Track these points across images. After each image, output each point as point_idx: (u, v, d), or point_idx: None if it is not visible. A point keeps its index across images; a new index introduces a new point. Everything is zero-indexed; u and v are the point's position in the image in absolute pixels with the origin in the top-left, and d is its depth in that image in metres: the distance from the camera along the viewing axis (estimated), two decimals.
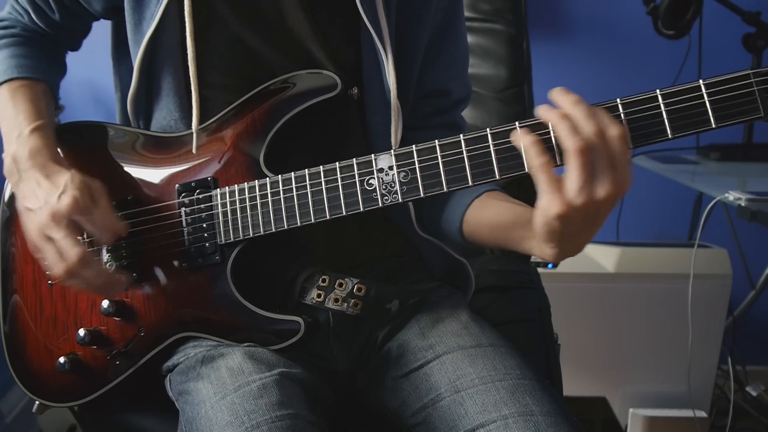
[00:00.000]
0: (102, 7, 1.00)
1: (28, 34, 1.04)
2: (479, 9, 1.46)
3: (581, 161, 0.70)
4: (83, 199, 0.86)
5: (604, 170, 0.70)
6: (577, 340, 1.87)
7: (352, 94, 0.94)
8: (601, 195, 0.70)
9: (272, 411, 0.79)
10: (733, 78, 0.73)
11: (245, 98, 0.93)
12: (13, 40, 1.02)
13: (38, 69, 1.01)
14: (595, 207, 0.71)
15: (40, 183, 0.88)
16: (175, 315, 0.93)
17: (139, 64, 0.95)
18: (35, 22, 1.03)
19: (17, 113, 0.95)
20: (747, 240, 2.12)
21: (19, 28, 1.03)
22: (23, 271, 1.01)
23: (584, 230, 0.75)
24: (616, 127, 0.71)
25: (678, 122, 0.74)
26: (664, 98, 0.74)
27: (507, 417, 0.81)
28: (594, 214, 0.72)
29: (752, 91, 0.72)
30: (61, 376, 0.97)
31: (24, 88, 0.98)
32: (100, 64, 1.15)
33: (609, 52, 2.23)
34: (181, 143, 0.96)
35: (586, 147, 0.70)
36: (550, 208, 0.71)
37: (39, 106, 0.97)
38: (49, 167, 0.90)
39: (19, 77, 0.99)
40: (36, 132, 0.93)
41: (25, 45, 1.02)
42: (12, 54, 1.00)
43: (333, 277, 0.92)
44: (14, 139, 0.93)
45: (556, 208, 0.71)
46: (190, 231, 0.92)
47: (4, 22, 1.05)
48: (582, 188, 0.70)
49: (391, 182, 0.83)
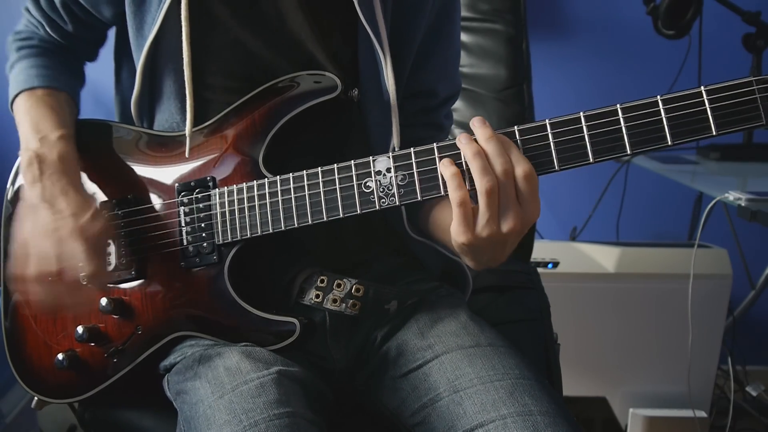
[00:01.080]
0: (111, 14, 1.00)
1: (46, 45, 1.05)
2: (479, 9, 1.46)
3: (488, 200, 0.76)
4: (103, 236, 0.93)
5: (509, 207, 0.77)
6: (577, 340, 1.87)
7: (352, 96, 0.94)
8: (505, 229, 0.77)
9: (270, 409, 0.79)
10: (735, 85, 0.72)
11: (245, 99, 0.94)
12: (33, 50, 1.04)
13: (59, 79, 1.02)
14: (500, 238, 0.78)
15: (68, 192, 0.92)
16: (172, 314, 0.93)
17: (142, 68, 0.96)
18: (50, 35, 1.05)
19: (41, 118, 0.97)
20: (747, 240, 2.12)
21: (36, 39, 1.05)
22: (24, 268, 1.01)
23: (495, 252, 0.82)
24: (523, 165, 0.76)
25: (678, 129, 0.73)
26: (665, 104, 0.73)
27: (506, 417, 0.80)
28: (501, 242, 0.79)
29: (754, 99, 0.71)
30: (60, 372, 0.97)
31: (47, 97, 1.00)
32: (100, 64, 1.15)
33: (609, 52, 2.23)
34: (181, 143, 0.96)
35: (493, 188, 0.76)
36: (458, 236, 0.79)
37: (63, 115, 0.99)
38: (78, 178, 0.95)
39: (40, 86, 1.00)
40: (63, 139, 0.95)
41: (44, 56, 1.04)
42: (33, 64, 1.02)
43: (331, 277, 0.92)
44: (37, 140, 0.95)
45: (462, 238, 0.78)
46: (188, 230, 0.93)
47: (22, 33, 1.06)
48: (487, 224, 0.77)
49: (388, 185, 0.83)
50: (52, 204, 0.91)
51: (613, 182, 2.20)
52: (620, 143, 0.75)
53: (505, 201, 0.76)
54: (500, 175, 0.76)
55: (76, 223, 0.89)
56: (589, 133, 0.76)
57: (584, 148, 0.76)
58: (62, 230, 0.90)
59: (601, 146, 0.76)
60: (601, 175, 2.19)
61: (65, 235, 0.90)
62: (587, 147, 0.76)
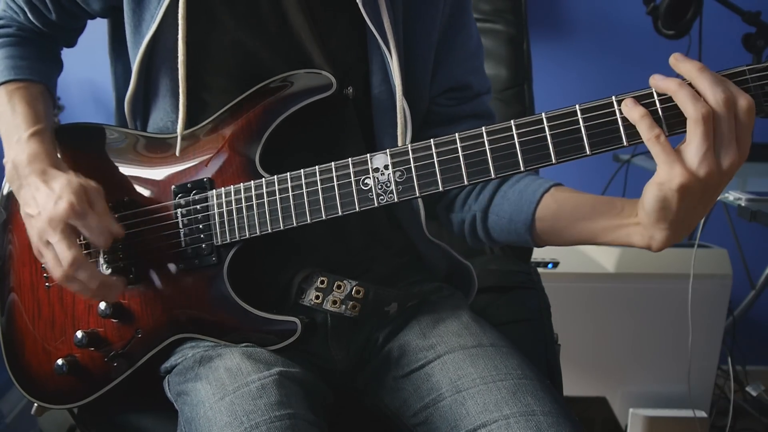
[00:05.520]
0: (100, 7, 0.99)
1: (24, 33, 1.04)
2: (479, 9, 1.46)
3: (706, 129, 0.68)
4: (79, 203, 0.86)
5: (730, 140, 0.69)
6: (577, 340, 1.87)
7: (347, 94, 0.94)
8: (726, 165, 0.69)
9: (271, 411, 0.79)
10: (728, 75, 0.72)
11: (241, 98, 0.93)
12: (9, 40, 1.02)
13: (35, 70, 1.01)
14: (717, 178, 0.70)
15: (39, 188, 0.89)
16: (172, 316, 0.93)
17: (138, 66, 0.95)
18: (31, 21, 1.03)
19: (15, 117, 0.95)
20: (747, 240, 2.12)
21: (14, 27, 1.03)
22: (21, 273, 1.01)
23: (701, 204, 0.73)
24: (745, 98, 0.69)
25: (672, 119, 0.73)
26: (659, 95, 0.73)
27: (508, 417, 0.80)
28: (715, 185, 0.71)
29: (748, 88, 0.71)
30: (59, 378, 0.97)
31: (21, 91, 0.98)
32: (100, 64, 1.15)
33: (609, 52, 2.23)
34: (177, 145, 0.95)
35: (712, 114, 0.68)
36: (672, 179, 0.70)
37: (37, 109, 0.97)
38: (48, 172, 0.90)
39: (15, 79, 0.99)
40: (34, 137, 0.93)
41: (20, 45, 1.02)
42: (8, 55, 1.00)
43: (331, 278, 0.92)
44: (14, 144, 0.94)
45: (678, 178, 0.70)
46: (186, 232, 0.92)
47: (0, 20, 1.04)
48: (705, 157, 0.69)
49: (386, 182, 0.82)
50: (29, 207, 0.90)
51: (613, 182, 2.20)
52: (616, 135, 0.74)
53: (725, 131, 0.69)
54: (720, 103, 0.68)
55: (45, 215, 0.87)
56: (585, 125, 0.75)
57: (580, 140, 0.75)
58: (38, 228, 0.88)
59: (597, 138, 0.75)
60: (602, 175, 2.19)
61: (43, 231, 0.87)
62: (584, 140, 0.75)
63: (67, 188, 0.87)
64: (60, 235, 0.86)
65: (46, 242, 0.87)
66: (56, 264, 0.87)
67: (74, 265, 0.86)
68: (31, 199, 0.89)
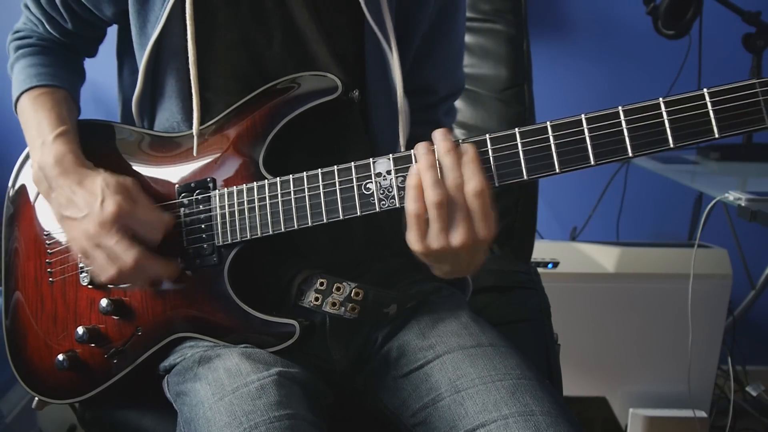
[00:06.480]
0: (112, 12, 1.00)
1: (45, 44, 1.05)
2: (479, 9, 1.46)
3: (437, 213, 0.77)
4: (126, 202, 0.88)
5: (459, 222, 0.77)
6: (577, 340, 1.87)
7: (353, 97, 0.94)
8: (456, 243, 0.77)
9: (270, 411, 0.79)
10: (737, 87, 0.71)
11: (246, 99, 0.93)
12: (31, 50, 1.03)
13: (57, 76, 1.02)
14: (452, 251, 0.78)
15: (75, 191, 0.90)
16: (172, 315, 0.93)
17: (144, 67, 0.95)
18: (50, 32, 1.04)
19: (39, 121, 0.96)
20: (747, 240, 2.12)
21: (35, 38, 1.05)
22: (25, 268, 1.02)
23: (453, 265, 0.83)
24: (474, 181, 0.76)
25: (680, 131, 0.72)
26: (667, 106, 0.72)
27: (507, 417, 0.80)
28: (454, 255, 0.80)
29: (757, 101, 0.70)
30: (60, 373, 0.97)
31: (44, 96, 0.99)
32: (100, 64, 1.15)
33: (609, 52, 2.23)
34: (182, 144, 0.96)
35: (442, 201, 0.76)
36: (412, 245, 0.80)
37: (60, 112, 0.98)
38: (79, 172, 0.92)
39: (38, 85, 1.00)
40: (59, 138, 0.94)
41: (42, 54, 1.04)
42: (30, 63, 1.02)
43: (331, 280, 0.91)
44: (39, 148, 0.95)
45: (415, 247, 0.79)
46: (188, 232, 0.92)
47: (21, 32, 1.06)
48: (437, 236, 0.78)
49: (388, 187, 0.82)
50: (69, 210, 0.90)
51: (613, 182, 2.20)
52: (622, 146, 0.75)
53: (455, 214, 0.77)
54: (451, 190, 0.77)
55: (94, 219, 0.87)
56: (591, 135, 0.75)
57: (585, 151, 0.76)
58: (86, 231, 0.88)
59: (603, 149, 0.75)
60: (601, 175, 2.19)
61: (94, 234, 0.87)
62: (588, 150, 0.75)
63: (108, 189, 0.88)
64: (117, 236, 0.87)
65: (96, 245, 0.87)
66: (109, 264, 0.88)
67: (138, 264, 0.87)
68: (69, 202, 0.90)
